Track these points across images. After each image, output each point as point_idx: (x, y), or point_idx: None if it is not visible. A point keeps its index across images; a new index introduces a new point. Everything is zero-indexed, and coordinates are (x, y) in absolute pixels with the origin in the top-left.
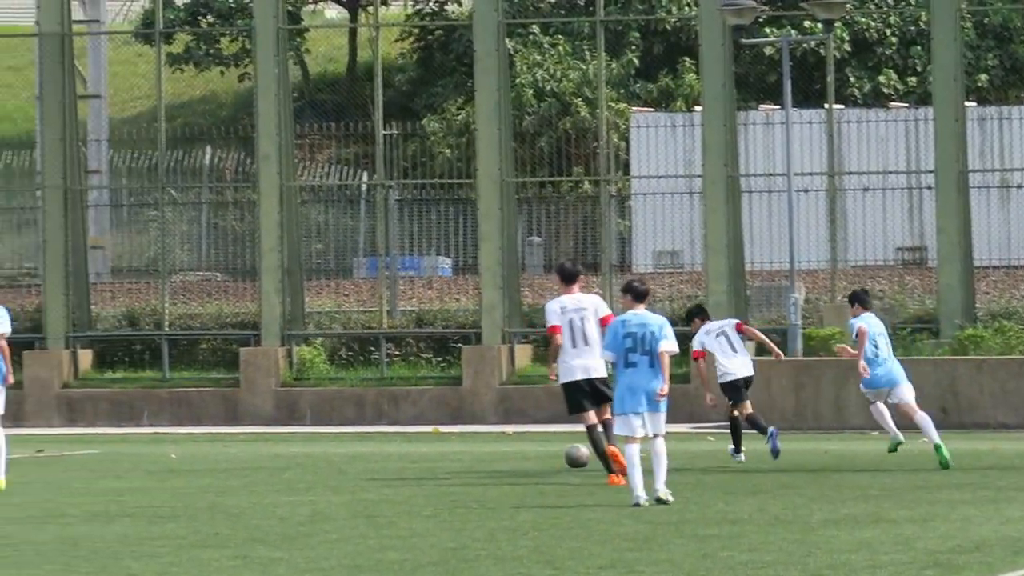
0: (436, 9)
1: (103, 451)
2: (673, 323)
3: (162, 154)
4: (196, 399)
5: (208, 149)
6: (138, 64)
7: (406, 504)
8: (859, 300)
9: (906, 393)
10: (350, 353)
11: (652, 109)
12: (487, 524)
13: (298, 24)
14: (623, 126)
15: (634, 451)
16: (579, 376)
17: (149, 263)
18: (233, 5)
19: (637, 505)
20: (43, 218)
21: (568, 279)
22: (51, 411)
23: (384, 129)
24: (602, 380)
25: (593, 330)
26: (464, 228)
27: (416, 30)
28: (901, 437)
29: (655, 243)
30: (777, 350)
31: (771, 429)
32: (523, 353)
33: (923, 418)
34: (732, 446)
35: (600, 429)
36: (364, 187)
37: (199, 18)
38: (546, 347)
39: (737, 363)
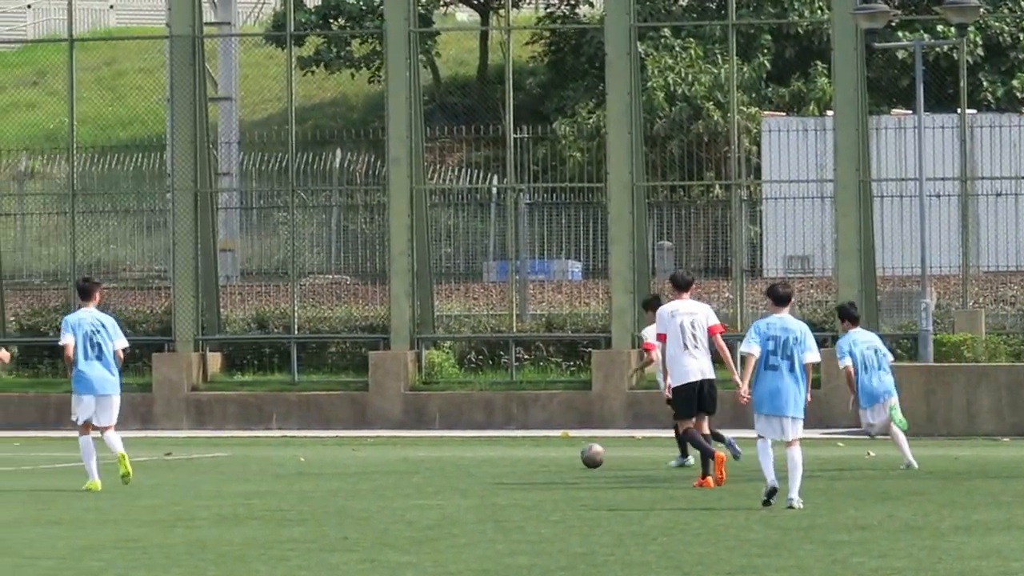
0: (567, 12)
1: (232, 454)
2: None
3: (292, 156)
4: (325, 402)
5: (338, 152)
6: (268, 66)
7: (535, 508)
8: (848, 316)
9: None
10: (479, 357)
11: (784, 113)
12: (616, 529)
13: (429, 27)
14: (754, 130)
15: (767, 444)
16: (694, 378)
17: (279, 266)
18: (364, 8)
19: (773, 490)
20: (173, 220)
21: (682, 286)
22: (180, 413)
23: (514, 132)
24: (712, 383)
25: (704, 334)
26: (594, 232)
27: (547, 33)
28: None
29: (786, 248)
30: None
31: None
32: None
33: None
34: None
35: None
36: (494, 190)
37: (330, 20)
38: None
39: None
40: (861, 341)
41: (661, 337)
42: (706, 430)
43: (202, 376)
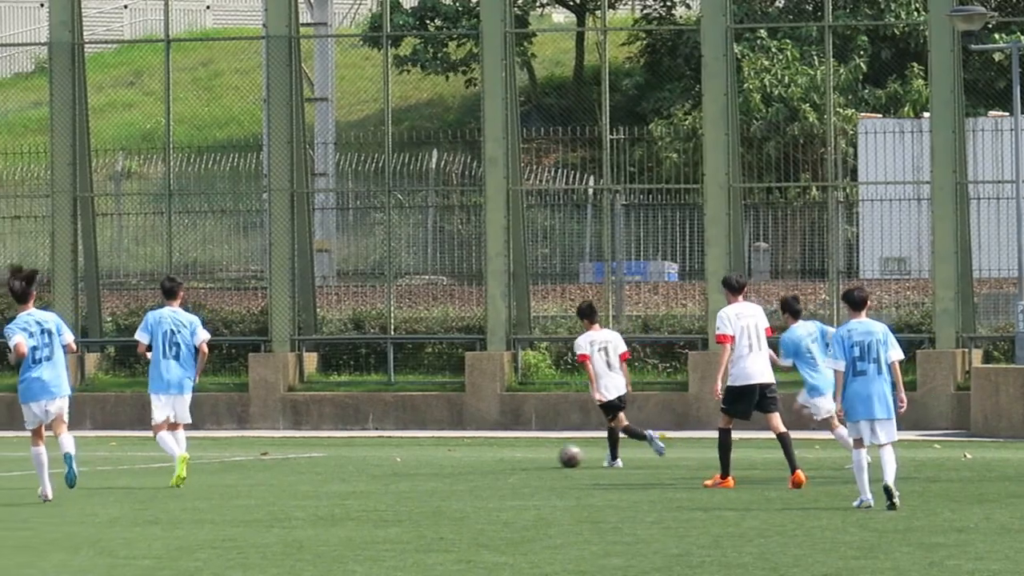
0: (663, 13)
1: (328, 454)
2: (899, 330)
3: (388, 157)
4: (421, 403)
5: (434, 152)
6: (365, 67)
7: (631, 510)
8: (790, 310)
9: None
10: (575, 358)
11: (880, 115)
12: (712, 530)
13: (525, 28)
14: (851, 132)
15: (862, 455)
16: (756, 380)
17: (375, 266)
18: (460, 9)
19: (861, 504)
20: (269, 221)
21: (737, 289)
22: (276, 414)
23: (611, 133)
24: (772, 386)
25: (764, 336)
26: (690, 233)
27: (643, 34)
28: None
29: (882, 249)
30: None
31: (648, 433)
32: None
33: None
34: (609, 456)
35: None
36: (590, 191)
37: (426, 22)
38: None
39: (612, 382)
40: (804, 336)
41: (725, 339)
42: (624, 422)
43: (298, 376)
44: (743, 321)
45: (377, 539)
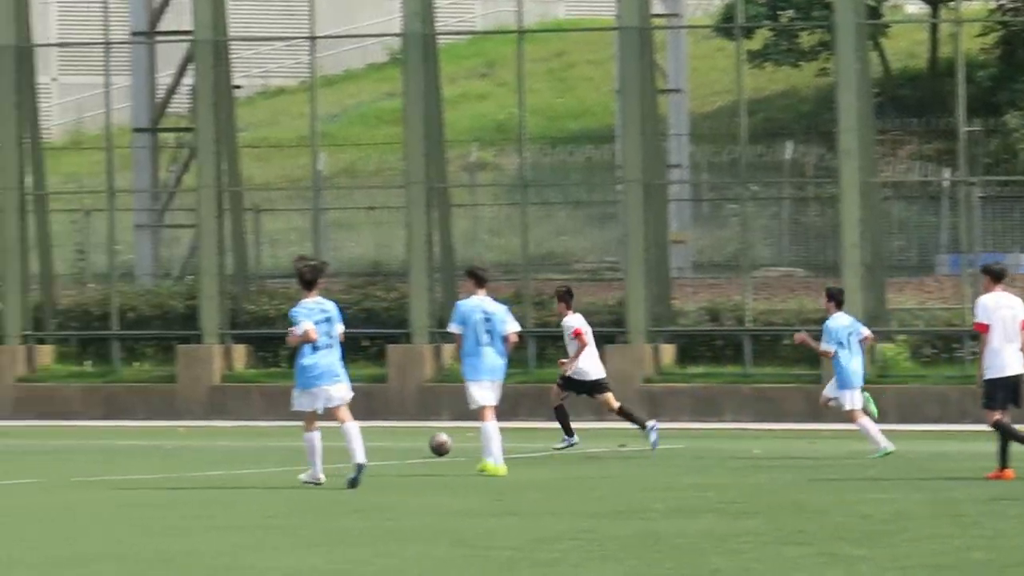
0: (1019, 4)
1: (685, 446)
2: None
3: (743, 149)
4: (778, 395)
5: (789, 144)
6: (717, 59)
7: (991, 503)
8: (835, 299)
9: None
10: (933, 351)
11: None
12: None
13: (877, 19)
14: None
15: None
16: (1008, 373)
17: (730, 258)
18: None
19: None
20: (624, 212)
21: (1000, 277)
22: (632, 405)
23: (966, 125)
24: (1021, 378)
25: (1018, 328)
26: None
27: (999, 25)
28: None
29: None
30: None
31: (650, 424)
32: None
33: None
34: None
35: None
36: (946, 184)
37: (778, 12)
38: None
39: (591, 364)
40: (844, 326)
41: (982, 327)
42: (615, 404)
43: (655, 368)
44: (1001, 312)
45: (736, 531)
